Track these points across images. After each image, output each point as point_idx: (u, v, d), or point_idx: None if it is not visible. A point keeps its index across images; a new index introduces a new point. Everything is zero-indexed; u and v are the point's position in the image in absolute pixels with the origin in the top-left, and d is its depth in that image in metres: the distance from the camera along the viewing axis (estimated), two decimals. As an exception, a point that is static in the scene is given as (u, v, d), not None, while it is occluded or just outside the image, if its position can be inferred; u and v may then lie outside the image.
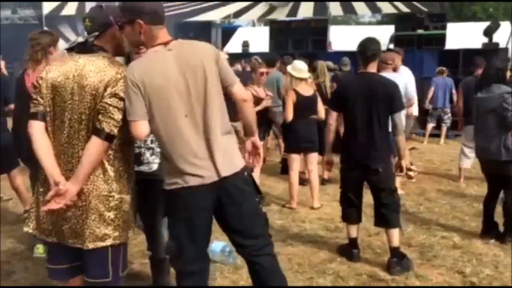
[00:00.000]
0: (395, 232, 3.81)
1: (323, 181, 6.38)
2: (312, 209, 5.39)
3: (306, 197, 5.62)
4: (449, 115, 9.85)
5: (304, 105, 5.25)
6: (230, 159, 2.39)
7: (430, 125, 10.02)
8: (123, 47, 2.45)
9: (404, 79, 5.65)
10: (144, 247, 3.48)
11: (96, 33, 2.33)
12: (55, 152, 2.28)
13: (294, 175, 5.40)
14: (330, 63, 8.88)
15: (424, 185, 6.43)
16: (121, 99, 2.22)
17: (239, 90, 2.47)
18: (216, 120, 2.35)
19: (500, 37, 11.38)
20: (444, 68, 9.97)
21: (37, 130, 2.29)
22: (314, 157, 5.48)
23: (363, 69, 3.85)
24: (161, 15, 2.36)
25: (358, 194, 3.96)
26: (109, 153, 2.26)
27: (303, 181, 5.86)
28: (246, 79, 5.89)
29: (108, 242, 2.27)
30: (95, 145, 2.19)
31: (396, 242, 3.80)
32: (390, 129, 3.86)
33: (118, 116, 2.21)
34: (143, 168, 2.89)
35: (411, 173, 6.80)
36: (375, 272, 3.77)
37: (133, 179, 2.41)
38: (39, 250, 3.88)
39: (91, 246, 2.25)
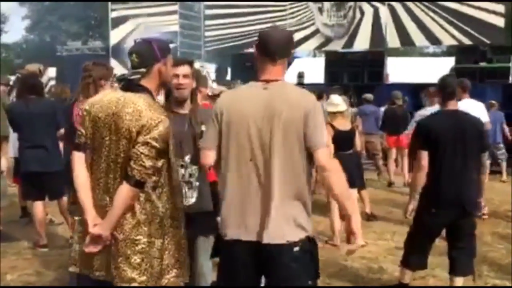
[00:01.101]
0: (462, 280, 3.65)
1: (368, 218, 6.18)
2: (361, 246, 5.20)
3: (351, 234, 5.44)
4: (503, 150, 9.33)
5: (342, 140, 5.19)
6: (281, 228, 2.14)
7: (487, 162, 9.50)
8: (167, 82, 2.48)
9: (477, 110, 5.44)
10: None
11: (144, 70, 2.30)
12: (92, 184, 2.31)
13: (335, 211, 5.26)
14: (369, 96, 8.81)
15: (479, 227, 6.03)
16: (153, 147, 2.20)
17: (320, 155, 2.16)
18: (283, 176, 2.14)
19: None
20: (494, 102, 9.48)
21: (77, 161, 2.34)
22: (353, 191, 5.33)
23: (443, 106, 3.71)
24: (272, 49, 2.23)
25: (433, 241, 3.75)
26: (140, 195, 2.25)
27: (344, 217, 5.69)
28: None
29: (135, 285, 2.25)
30: (125, 191, 2.21)
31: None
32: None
33: (149, 163, 2.20)
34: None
35: (483, 210, 6.48)
36: (415, 319, 3.56)
37: (172, 222, 2.35)
38: None
39: (118, 284, 2.27)
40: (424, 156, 3.58)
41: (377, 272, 4.52)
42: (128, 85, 2.34)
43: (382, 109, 8.87)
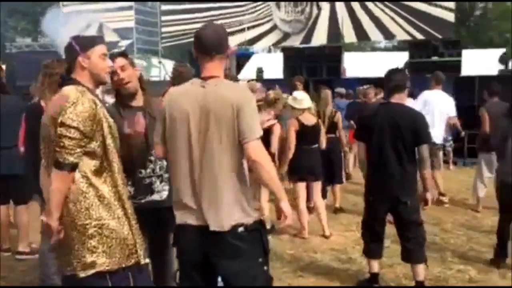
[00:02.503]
0: (420, 267, 3.74)
1: (335, 210, 6.31)
2: (325, 238, 5.31)
3: (318, 226, 5.53)
4: (451, 142, 9.77)
5: (307, 134, 5.24)
6: (224, 215, 2.29)
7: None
8: (97, 75, 2.43)
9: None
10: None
11: (67, 65, 2.44)
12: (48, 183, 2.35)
13: (302, 204, 5.34)
14: (342, 90, 8.89)
15: (440, 215, 6.29)
16: (70, 126, 2.22)
17: (250, 148, 2.28)
18: (222, 169, 2.29)
19: (517, 64, 11.31)
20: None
21: (42, 170, 2.43)
22: (318, 185, 5.45)
23: (387, 99, 3.81)
24: (207, 46, 2.32)
25: (382, 227, 3.88)
26: (80, 181, 2.28)
27: (310, 210, 5.77)
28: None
29: (97, 269, 2.29)
30: (53, 176, 2.26)
31: (421, 276, 3.74)
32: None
33: (68, 143, 2.22)
34: (155, 197, 2.91)
35: (444, 199, 6.73)
36: (387, 307, 3.68)
37: (122, 203, 2.39)
38: None
39: (82, 274, 2.29)
40: (362, 148, 3.92)
41: (346, 262, 4.63)
42: (62, 81, 2.44)
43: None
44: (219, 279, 2.55)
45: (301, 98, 5.33)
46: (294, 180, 5.40)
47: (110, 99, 3.31)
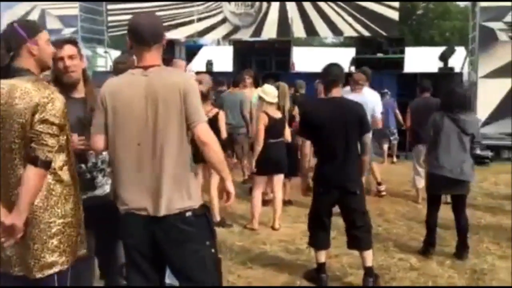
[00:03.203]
0: (369, 253, 3.89)
1: (284, 203, 6.41)
2: (274, 230, 5.40)
3: (268, 218, 5.62)
4: (396, 135, 10.18)
5: (274, 128, 5.31)
6: (165, 198, 2.32)
7: (386, 146, 10.24)
8: (45, 61, 2.35)
9: (374, 99, 5.88)
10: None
11: (11, 53, 2.24)
12: None
13: (258, 196, 5.42)
14: (302, 82, 8.98)
15: (383, 206, 6.54)
16: (52, 123, 2.16)
17: (200, 131, 2.35)
18: (169, 155, 2.31)
19: (455, 62, 11.86)
20: (385, 91, 10.19)
21: None
22: (280, 178, 5.53)
23: (328, 93, 3.89)
24: (145, 36, 2.32)
25: (329, 218, 3.98)
26: (48, 178, 2.21)
27: (265, 202, 5.87)
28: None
29: (56, 269, 2.23)
30: (31, 174, 2.14)
31: (370, 262, 3.89)
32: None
33: (51, 141, 2.16)
34: (98, 192, 2.82)
35: (381, 188, 6.98)
36: (334, 295, 3.80)
37: (79, 200, 2.38)
38: None
39: (38, 275, 2.21)
40: (307, 144, 3.92)
41: (295, 253, 4.74)
42: (7, 72, 2.25)
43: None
44: (167, 274, 2.56)
45: (271, 92, 5.38)
46: (257, 173, 5.44)
47: None
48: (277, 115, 5.42)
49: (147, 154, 2.30)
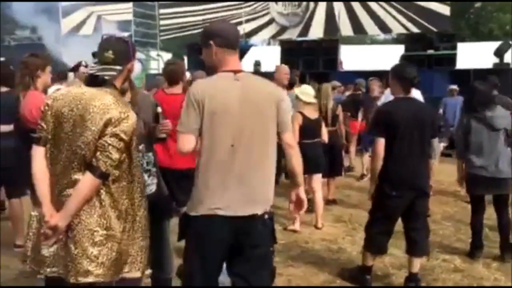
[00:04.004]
0: (419, 260, 3.85)
1: (328, 202, 6.44)
2: (316, 229, 5.43)
3: (310, 217, 5.66)
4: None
5: (310, 128, 5.35)
6: (254, 199, 2.38)
7: (441, 145, 9.97)
8: (129, 78, 2.52)
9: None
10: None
11: (120, 68, 2.33)
12: (51, 180, 2.30)
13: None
14: (336, 83, 8.98)
15: (431, 206, 6.35)
16: (121, 139, 2.22)
17: (289, 137, 2.51)
18: (261, 158, 2.38)
19: (512, 57, 11.39)
20: (454, 88, 9.96)
21: (37, 155, 2.32)
22: (318, 178, 5.56)
23: (405, 94, 3.80)
24: (234, 41, 2.41)
25: (393, 224, 3.84)
26: (101, 188, 2.25)
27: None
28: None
29: (90, 279, 2.23)
30: (88, 181, 2.20)
31: (417, 267, 3.84)
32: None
33: (115, 156, 2.22)
34: (145, 191, 2.97)
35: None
36: (373, 295, 3.81)
37: (127, 217, 2.36)
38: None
39: (72, 280, 2.24)
40: (381, 143, 3.71)
41: (337, 252, 4.76)
42: (93, 80, 2.34)
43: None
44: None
45: (309, 92, 5.44)
46: None
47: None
48: (313, 115, 5.43)
49: (239, 156, 2.33)
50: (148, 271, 2.54)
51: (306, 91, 5.45)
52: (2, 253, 4.55)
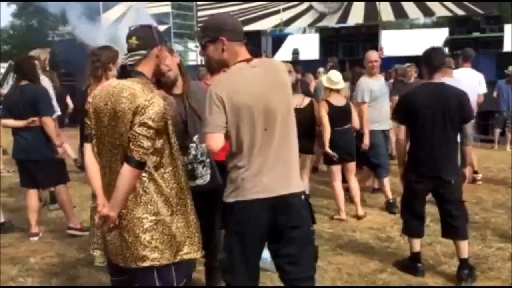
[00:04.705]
0: (465, 244, 3.77)
1: (374, 190, 6.36)
2: (359, 219, 5.35)
3: (354, 207, 5.59)
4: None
5: (338, 115, 5.26)
6: (290, 179, 2.41)
7: (497, 131, 9.65)
8: (159, 71, 2.50)
9: (467, 81, 5.60)
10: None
11: (144, 52, 2.37)
12: (101, 172, 2.41)
13: (338, 187, 5.37)
14: (401, 66, 8.73)
15: (480, 194, 6.25)
16: (150, 127, 2.25)
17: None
18: (289, 139, 2.42)
19: None
20: (510, 71, 9.56)
21: (87, 151, 2.44)
22: (352, 166, 5.45)
23: (429, 79, 3.79)
24: (241, 32, 2.43)
25: (423, 207, 3.90)
26: (143, 175, 2.31)
27: (346, 190, 5.80)
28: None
29: (147, 263, 2.33)
30: (127, 172, 2.27)
31: (465, 253, 3.76)
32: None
33: (147, 144, 2.25)
34: (199, 182, 3.00)
35: (477, 177, 6.68)
36: (426, 283, 3.75)
37: (178, 200, 2.42)
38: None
39: (133, 265, 2.36)
40: (402, 130, 3.84)
41: (385, 241, 4.70)
42: (123, 72, 2.40)
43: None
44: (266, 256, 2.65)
45: (336, 80, 5.35)
46: (328, 163, 5.46)
47: None
48: (340, 102, 5.29)
49: (272, 138, 2.36)
50: (203, 252, 2.58)
51: (331, 78, 5.36)
52: (58, 243, 4.73)
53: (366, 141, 5.55)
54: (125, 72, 2.40)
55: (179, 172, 2.44)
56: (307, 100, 5.26)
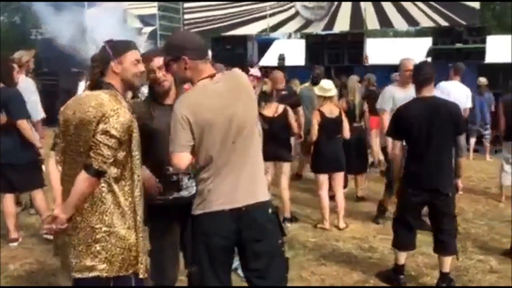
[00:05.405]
0: (449, 259, 3.81)
1: (357, 199, 6.40)
2: (339, 230, 5.33)
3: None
4: (490, 131, 9.66)
5: (329, 126, 5.30)
6: (255, 190, 2.45)
7: (472, 140, 9.81)
8: (128, 80, 2.46)
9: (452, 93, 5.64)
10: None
11: (98, 70, 2.43)
12: (61, 181, 2.44)
13: (324, 196, 5.39)
14: (372, 76, 8.81)
15: (461, 204, 6.29)
16: (112, 136, 2.26)
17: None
18: (253, 149, 2.46)
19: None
20: (482, 83, 9.74)
21: (50, 160, 2.51)
22: (340, 176, 5.48)
23: (418, 93, 3.81)
24: (204, 49, 2.48)
25: (418, 220, 3.92)
26: (102, 185, 2.32)
27: (331, 199, 5.80)
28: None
29: (95, 273, 2.31)
30: (83, 179, 2.28)
31: (448, 267, 3.81)
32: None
33: (107, 153, 2.26)
34: (183, 193, 2.96)
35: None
36: (408, 295, 3.78)
37: (135, 214, 2.40)
38: None
39: (77, 275, 2.33)
40: (397, 145, 3.87)
41: (368, 251, 4.73)
42: (94, 84, 2.43)
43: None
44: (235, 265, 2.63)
45: (328, 88, 5.38)
46: (316, 171, 5.47)
47: (145, 90, 3.38)
48: (333, 113, 5.33)
49: (237, 151, 2.39)
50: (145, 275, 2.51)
51: (323, 86, 5.40)
52: (38, 248, 4.65)
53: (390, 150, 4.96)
54: (96, 84, 2.43)
55: (134, 186, 2.42)
56: (281, 108, 5.34)
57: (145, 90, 3.49)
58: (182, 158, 2.38)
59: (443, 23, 11.87)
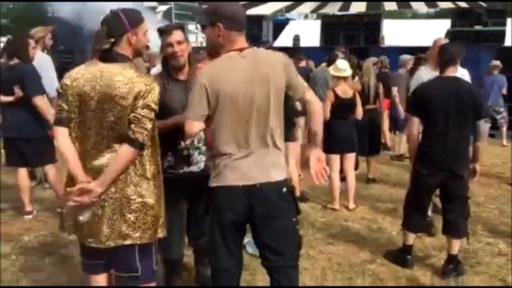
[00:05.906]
0: (458, 242, 3.80)
1: (368, 181, 6.39)
2: (348, 210, 5.35)
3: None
4: (504, 114, 9.48)
5: (342, 107, 5.27)
6: (268, 170, 2.45)
7: (487, 125, 9.61)
8: (140, 51, 2.48)
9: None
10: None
11: (112, 40, 2.36)
12: (81, 156, 2.39)
13: (335, 176, 5.39)
14: (386, 58, 8.71)
15: (472, 188, 6.22)
16: (152, 109, 2.33)
17: (312, 96, 2.60)
18: (270, 131, 2.44)
19: None
20: (496, 64, 9.51)
21: (60, 136, 2.41)
22: (351, 157, 5.47)
23: (441, 72, 3.78)
24: (241, 22, 2.43)
25: (430, 201, 3.92)
26: (136, 158, 2.37)
27: (342, 180, 5.81)
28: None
29: (129, 241, 2.39)
30: (127, 153, 2.32)
31: (456, 249, 3.79)
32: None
33: (149, 126, 2.33)
34: (193, 168, 3.03)
35: None
36: (414, 276, 3.79)
37: (160, 184, 2.49)
38: None
39: (112, 244, 2.39)
40: (415, 123, 3.77)
41: (377, 232, 4.74)
42: (106, 55, 2.38)
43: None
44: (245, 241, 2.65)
45: (343, 68, 5.34)
46: (328, 152, 5.46)
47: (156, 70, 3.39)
48: (347, 94, 5.30)
49: (253, 130, 2.40)
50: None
51: (338, 66, 5.36)
52: (52, 221, 4.76)
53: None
54: (109, 56, 2.38)
55: (157, 153, 2.49)
56: None
57: (155, 70, 3.49)
58: (194, 126, 2.42)
59: (463, 4, 11.60)
